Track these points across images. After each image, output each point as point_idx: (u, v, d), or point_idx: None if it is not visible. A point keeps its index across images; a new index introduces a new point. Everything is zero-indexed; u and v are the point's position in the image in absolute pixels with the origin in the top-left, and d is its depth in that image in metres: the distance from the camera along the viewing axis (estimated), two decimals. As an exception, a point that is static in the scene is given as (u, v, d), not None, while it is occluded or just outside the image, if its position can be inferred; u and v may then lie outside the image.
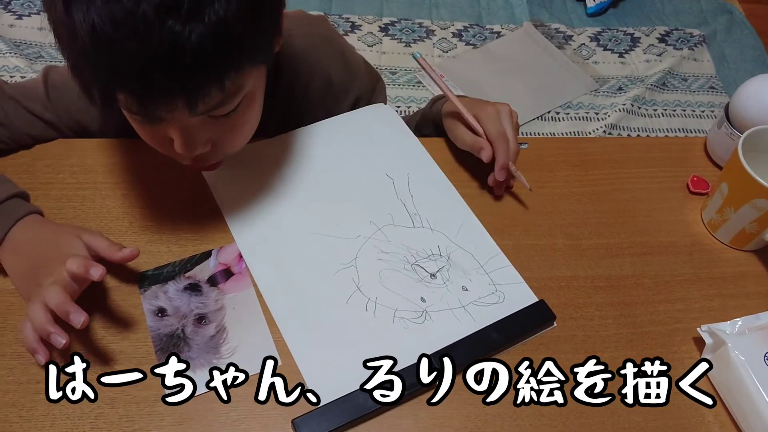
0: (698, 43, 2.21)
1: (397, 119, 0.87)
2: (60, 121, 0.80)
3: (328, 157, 0.81)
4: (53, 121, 0.80)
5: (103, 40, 0.53)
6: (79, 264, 0.60)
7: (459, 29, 2.19)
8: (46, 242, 0.66)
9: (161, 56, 0.54)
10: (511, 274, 0.73)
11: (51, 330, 0.59)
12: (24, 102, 0.78)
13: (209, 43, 0.54)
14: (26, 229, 0.67)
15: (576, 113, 1.95)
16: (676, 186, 0.85)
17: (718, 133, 0.86)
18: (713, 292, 0.75)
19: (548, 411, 0.64)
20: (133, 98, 0.58)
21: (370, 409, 0.61)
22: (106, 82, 0.57)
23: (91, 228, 0.71)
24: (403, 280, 0.71)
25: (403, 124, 0.87)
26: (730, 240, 0.79)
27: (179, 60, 0.54)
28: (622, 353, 0.69)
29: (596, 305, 0.72)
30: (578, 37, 2.20)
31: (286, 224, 0.75)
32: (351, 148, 0.83)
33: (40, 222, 0.69)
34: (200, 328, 0.66)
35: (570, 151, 0.87)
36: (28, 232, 0.67)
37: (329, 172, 0.80)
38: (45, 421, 0.60)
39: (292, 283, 0.70)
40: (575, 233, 0.78)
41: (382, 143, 0.84)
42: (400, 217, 0.76)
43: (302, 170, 0.80)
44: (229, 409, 0.62)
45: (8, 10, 2.04)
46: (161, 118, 0.60)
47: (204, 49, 0.54)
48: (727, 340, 0.65)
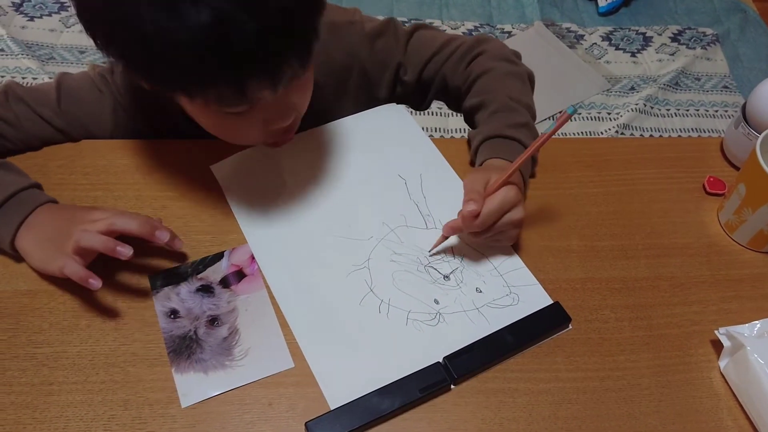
0: (711, 42, 2.19)
1: (409, 119, 0.86)
2: (69, 128, 0.80)
3: (341, 157, 0.81)
4: (63, 128, 0.80)
5: (214, 33, 0.54)
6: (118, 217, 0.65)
7: (470, 29, 2.18)
8: (67, 215, 0.68)
9: (273, 33, 0.56)
10: (526, 276, 0.72)
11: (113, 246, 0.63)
12: (34, 106, 0.78)
13: (306, 13, 0.59)
14: (43, 213, 0.68)
15: (588, 113, 1.94)
16: (692, 187, 0.84)
17: (734, 133, 0.85)
18: (731, 294, 0.74)
19: (564, 414, 0.63)
20: (232, 88, 0.59)
21: (384, 413, 0.61)
22: (203, 77, 0.58)
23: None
24: (416, 281, 0.71)
25: (415, 124, 0.86)
26: (747, 241, 0.77)
27: (288, 36, 0.58)
28: (638, 356, 0.68)
29: (611, 307, 0.71)
30: (590, 37, 2.19)
31: (298, 225, 0.74)
32: (364, 149, 0.82)
33: (58, 206, 0.71)
34: (213, 329, 0.66)
35: (583, 152, 0.86)
36: (44, 215, 0.68)
37: (342, 172, 0.80)
38: (58, 422, 0.60)
39: (305, 284, 0.70)
40: (589, 234, 0.78)
41: (395, 144, 0.83)
42: (413, 218, 0.76)
43: (314, 170, 0.79)
44: (242, 412, 0.61)
45: (20, 12, 2.06)
46: (252, 100, 0.62)
47: (303, 21, 0.59)
48: (745, 342, 0.64)
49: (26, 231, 0.67)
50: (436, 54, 0.88)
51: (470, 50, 0.87)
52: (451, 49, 0.88)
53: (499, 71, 0.84)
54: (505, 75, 0.83)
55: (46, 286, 0.68)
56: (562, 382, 0.65)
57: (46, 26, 2.03)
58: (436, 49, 0.88)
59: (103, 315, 0.67)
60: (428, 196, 0.78)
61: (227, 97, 0.61)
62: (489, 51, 0.86)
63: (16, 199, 0.68)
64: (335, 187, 0.78)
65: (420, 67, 0.89)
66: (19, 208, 0.68)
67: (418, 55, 0.89)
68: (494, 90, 0.81)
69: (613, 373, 0.66)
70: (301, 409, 0.62)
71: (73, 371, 0.63)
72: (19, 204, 0.68)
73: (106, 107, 0.82)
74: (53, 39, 1.99)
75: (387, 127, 0.85)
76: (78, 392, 0.62)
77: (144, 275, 0.70)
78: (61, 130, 0.80)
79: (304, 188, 0.78)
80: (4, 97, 0.77)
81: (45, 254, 0.66)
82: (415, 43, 0.89)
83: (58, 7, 2.09)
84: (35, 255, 0.67)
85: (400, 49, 0.88)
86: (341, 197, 0.77)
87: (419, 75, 0.90)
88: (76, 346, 0.65)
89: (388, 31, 0.88)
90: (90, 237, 0.64)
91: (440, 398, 0.64)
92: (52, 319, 0.66)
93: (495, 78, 0.83)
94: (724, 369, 0.67)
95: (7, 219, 0.67)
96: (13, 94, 0.78)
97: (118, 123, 0.83)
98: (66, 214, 0.68)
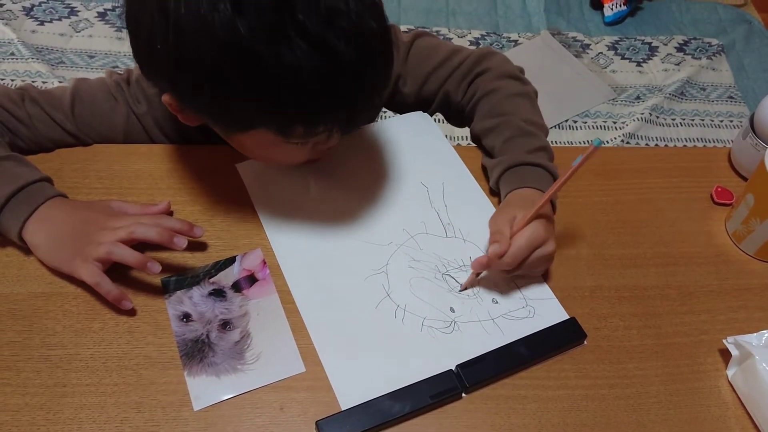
0: (717, 52, 2.20)
1: (434, 127, 0.87)
2: (81, 133, 0.81)
3: (364, 163, 0.82)
4: (74, 132, 0.81)
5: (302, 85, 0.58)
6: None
7: (476, 37, 2.19)
8: (83, 215, 0.69)
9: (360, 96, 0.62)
10: (543, 290, 0.73)
11: (145, 261, 0.66)
12: (48, 109, 0.79)
13: (385, 79, 0.66)
14: (54, 207, 0.69)
15: (594, 122, 1.95)
16: (700, 197, 0.85)
17: (742, 143, 0.86)
18: (739, 303, 0.74)
19: (573, 421, 0.64)
20: (311, 130, 0.64)
21: (395, 416, 0.61)
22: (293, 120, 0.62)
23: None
24: (433, 289, 0.71)
25: (439, 132, 0.86)
26: (755, 251, 0.78)
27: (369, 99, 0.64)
28: (647, 364, 0.68)
29: (620, 315, 0.72)
30: (596, 46, 2.19)
31: (319, 227, 0.75)
32: (387, 155, 0.83)
33: (70, 202, 0.72)
34: (225, 333, 0.67)
35: (592, 161, 0.86)
36: (55, 209, 0.69)
37: (365, 177, 0.80)
38: (72, 424, 0.60)
39: (323, 286, 0.70)
40: (598, 243, 0.78)
41: (419, 151, 0.84)
42: (433, 226, 0.76)
43: (339, 174, 0.80)
44: (254, 416, 0.62)
45: (31, 17, 2.07)
46: (317, 135, 0.66)
47: (381, 86, 0.66)
48: (753, 351, 0.65)
49: (36, 224, 0.68)
50: (438, 68, 0.87)
51: (474, 66, 0.85)
52: (453, 65, 0.86)
53: (507, 91, 0.83)
54: (514, 96, 0.82)
55: (60, 288, 0.69)
56: (572, 389, 0.66)
57: (56, 30, 2.04)
58: (438, 63, 0.87)
59: (116, 318, 0.67)
60: (449, 205, 0.78)
61: (298, 134, 0.64)
62: (493, 68, 0.85)
63: (26, 191, 0.69)
64: (358, 191, 0.79)
65: (421, 80, 0.88)
66: (29, 200, 0.68)
67: (418, 67, 0.87)
68: (507, 113, 0.81)
69: (621, 381, 0.67)
70: (313, 414, 0.62)
71: (87, 373, 0.64)
72: (28, 196, 0.69)
73: (119, 115, 0.82)
74: (63, 43, 2.00)
75: (412, 135, 0.85)
76: (91, 394, 0.62)
77: (157, 279, 0.70)
78: (72, 134, 0.81)
79: (327, 191, 0.78)
80: (20, 98, 0.78)
81: (61, 253, 0.67)
82: (415, 53, 0.87)
83: (68, 12, 2.10)
84: (46, 250, 0.68)
85: (400, 59, 0.87)
86: (363, 201, 0.78)
87: (420, 89, 0.88)
88: (89, 348, 0.65)
89: None
90: (122, 251, 0.65)
91: (450, 404, 0.64)
92: (66, 322, 0.67)
93: (504, 99, 0.82)
94: (732, 378, 0.67)
95: (16, 210, 0.68)
96: (28, 95, 0.79)
97: (130, 131, 0.83)
98: (81, 215, 0.69)
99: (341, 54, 0.57)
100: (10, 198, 0.68)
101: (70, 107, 0.80)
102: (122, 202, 0.73)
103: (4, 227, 0.68)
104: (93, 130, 0.82)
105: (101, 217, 0.69)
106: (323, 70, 0.57)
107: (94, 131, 0.82)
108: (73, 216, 0.69)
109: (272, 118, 0.63)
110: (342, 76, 0.59)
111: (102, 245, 0.66)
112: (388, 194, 0.79)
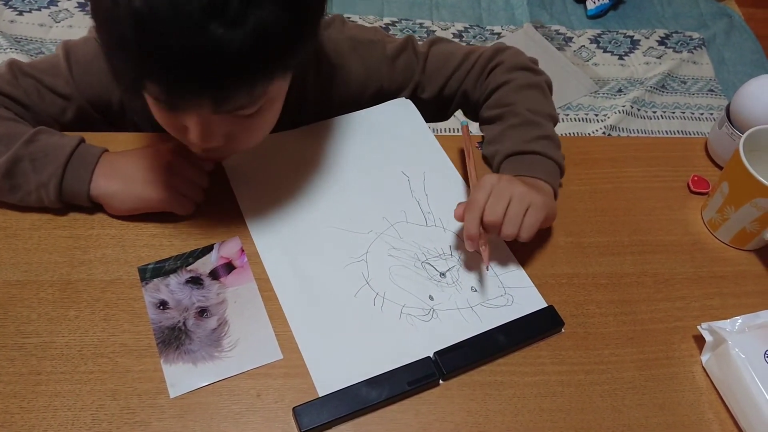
0: (698, 46, 2.22)
1: (417, 116, 0.86)
2: (81, 96, 0.79)
3: (346, 151, 0.82)
4: (73, 95, 0.79)
5: (143, 30, 0.53)
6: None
7: (459, 30, 2.19)
8: (141, 154, 0.73)
9: (199, 57, 0.54)
10: (522, 278, 0.73)
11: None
12: (44, 79, 0.77)
13: (248, 50, 0.55)
14: (109, 159, 0.72)
15: (576, 114, 1.96)
16: (677, 185, 0.85)
17: (719, 133, 0.86)
18: (713, 290, 0.75)
19: (549, 407, 0.64)
20: (162, 89, 0.58)
21: (372, 402, 0.61)
22: (140, 70, 0.57)
23: (89, 220, 0.72)
24: (412, 277, 0.72)
25: (422, 121, 0.86)
26: (730, 239, 0.79)
27: (216, 63, 0.55)
28: (623, 350, 0.69)
29: (597, 303, 0.73)
30: (578, 39, 2.21)
31: (300, 214, 0.75)
32: (369, 144, 0.83)
33: (117, 152, 0.75)
34: (202, 321, 0.67)
35: (571, 150, 0.87)
36: (114, 160, 0.72)
37: (346, 165, 0.80)
38: (46, 412, 0.60)
39: (302, 273, 0.70)
40: (576, 231, 0.79)
41: (401, 140, 0.84)
42: (414, 215, 0.77)
43: (319, 163, 0.80)
44: (231, 403, 0.62)
45: (9, 6, 2.04)
46: (184, 110, 0.62)
47: (242, 55, 0.55)
48: (727, 337, 0.65)
49: (104, 179, 0.71)
50: (456, 70, 0.87)
51: (488, 62, 0.87)
52: (469, 64, 0.87)
53: (517, 82, 0.83)
54: (523, 86, 0.83)
55: (35, 276, 0.68)
56: (548, 375, 0.66)
57: (35, 21, 2.01)
58: (455, 67, 0.87)
59: (92, 306, 0.67)
60: (430, 194, 0.79)
61: (158, 95, 0.60)
62: (506, 61, 0.86)
63: (76, 156, 0.71)
64: (339, 179, 0.79)
65: (440, 85, 0.88)
66: (83, 163, 0.71)
67: (437, 73, 0.88)
68: (512, 102, 0.81)
69: (597, 367, 0.67)
70: (290, 400, 0.62)
71: (62, 361, 0.63)
72: (80, 160, 0.71)
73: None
74: (42, 33, 1.98)
75: (395, 123, 0.85)
76: (66, 382, 0.62)
77: (133, 266, 0.70)
78: (70, 98, 0.79)
79: (308, 179, 0.78)
80: (11, 74, 0.76)
81: (145, 192, 0.71)
82: (433, 60, 0.88)
83: (47, 2, 2.08)
84: (126, 195, 0.71)
85: (419, 68, 0.87)
86: (344, 190, 0.78)
87: (439, 93, 0.88)
88: (64, 336, 0.65)
89: (407, 48, 0.87)
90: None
91: (428, 391, 0.64)
92: (41, 310, 0.66)
93: (513, 90, 0.83)
94: (706, 363, 0.68)
95: (77, 176, 0.70)
96: (19, 69, 0.77)
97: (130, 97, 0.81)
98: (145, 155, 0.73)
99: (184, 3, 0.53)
100: (65, 168, 0.70)
101: (68, 70, 0.78)
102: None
103: (70, 194, 0.71)
104: (94, 92, 0.80)
105: (167, 155, 0.72)
106: (163, 14, 0.53)
107: (94, 93, 0.80)
108: (138, 160, 0.73)
109: (131, 69, 0.58)
110: (165, 26, 0.53)
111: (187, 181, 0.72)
112: (369, 183, 0.79)
